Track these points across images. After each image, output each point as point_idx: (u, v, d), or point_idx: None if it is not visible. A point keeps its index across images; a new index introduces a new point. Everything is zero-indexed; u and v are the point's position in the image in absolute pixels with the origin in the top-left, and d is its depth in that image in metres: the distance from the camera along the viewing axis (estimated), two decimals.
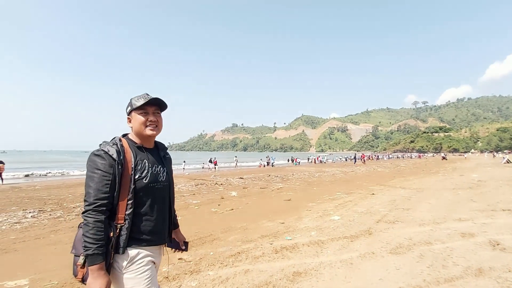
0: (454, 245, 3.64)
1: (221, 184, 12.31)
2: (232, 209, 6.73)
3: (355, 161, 35.37)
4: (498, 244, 3.60)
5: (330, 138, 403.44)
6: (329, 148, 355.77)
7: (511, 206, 6.01)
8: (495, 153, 64.84)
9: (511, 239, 3.79)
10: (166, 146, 1.54)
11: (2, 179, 14.79)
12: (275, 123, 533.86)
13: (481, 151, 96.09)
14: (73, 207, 7.38)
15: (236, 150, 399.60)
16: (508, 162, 25.51)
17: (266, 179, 14.33)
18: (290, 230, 4.71)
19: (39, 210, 6.93)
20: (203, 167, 27.84)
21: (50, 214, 6.54)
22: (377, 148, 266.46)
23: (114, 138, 1.33)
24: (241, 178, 14.92)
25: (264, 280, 2.80)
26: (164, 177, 1.38)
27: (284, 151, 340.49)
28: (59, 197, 9.07)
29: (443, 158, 43.47)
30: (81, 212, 1.15)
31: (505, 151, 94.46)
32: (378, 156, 59.23)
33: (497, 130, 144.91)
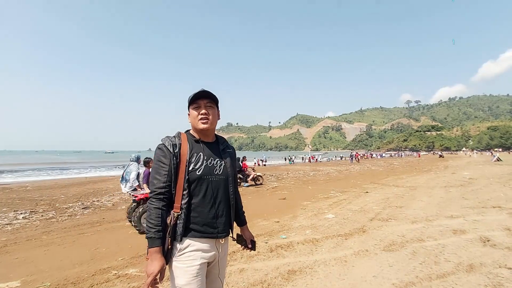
0: (446, 242, 3.70)
1: None
2: None
3: (352, 160, 35.54)
4: (488, 241, 3.67)
5: (325, 137, 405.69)
6: (324, 147, 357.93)
7: (501, 203, 6.14)
8: (493, 152, 61.97)
9: (501, 236, 3.87)
10: (226, 139, 1.59)
11: None
12: (270, 122, 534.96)
13: (472, 150, 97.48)
14: (66, 208, 7.28)
15: None
16: (498, 160, 26.01)
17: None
18: (285, 228, 4.73)
19: (31, 211, 6.82)
20: None
21: (42, 215, 6.45)
22: (371, 146, 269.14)
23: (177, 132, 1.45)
24: None
25: (259, 279, 2.81)
26: (221, 170, 1.40)
27: (279, 150, 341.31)
28: (51, 198, 8.94)
29: (440, 156, 43.95)
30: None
31: (496, 149, 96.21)
32: (372, 155, 59.75)
33: (488, 128, 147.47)
